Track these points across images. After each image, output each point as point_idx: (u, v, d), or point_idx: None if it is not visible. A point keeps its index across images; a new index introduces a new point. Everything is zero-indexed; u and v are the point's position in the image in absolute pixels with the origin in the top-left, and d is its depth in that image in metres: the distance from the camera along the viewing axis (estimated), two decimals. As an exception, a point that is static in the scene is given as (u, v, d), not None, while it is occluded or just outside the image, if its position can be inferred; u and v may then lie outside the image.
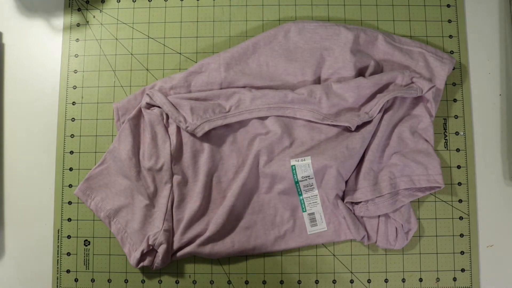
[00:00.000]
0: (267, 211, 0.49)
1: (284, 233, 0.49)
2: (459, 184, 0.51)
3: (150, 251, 0.47)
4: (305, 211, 0.49)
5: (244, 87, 0.50)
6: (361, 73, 0.50)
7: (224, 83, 0.50)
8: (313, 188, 0.48)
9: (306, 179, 0.47)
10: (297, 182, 0.47)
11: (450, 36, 0.53)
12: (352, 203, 0.48)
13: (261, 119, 0.49)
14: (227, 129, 0.49)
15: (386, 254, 0.50)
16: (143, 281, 0.50)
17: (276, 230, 0.49)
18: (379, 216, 0.48)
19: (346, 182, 0.48)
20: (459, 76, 0.52)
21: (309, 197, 0.48)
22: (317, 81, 0.50)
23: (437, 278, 0.49)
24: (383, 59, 0.50)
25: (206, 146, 0.48)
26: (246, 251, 0.48)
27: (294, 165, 0.47)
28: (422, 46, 0.50)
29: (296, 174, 0.47)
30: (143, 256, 0.47)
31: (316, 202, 0.48)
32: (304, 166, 0.46)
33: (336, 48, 0.49)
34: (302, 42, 0.50)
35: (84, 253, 0.51)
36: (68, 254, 0.51)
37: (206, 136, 0.48)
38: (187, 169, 0.48)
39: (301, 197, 0.48)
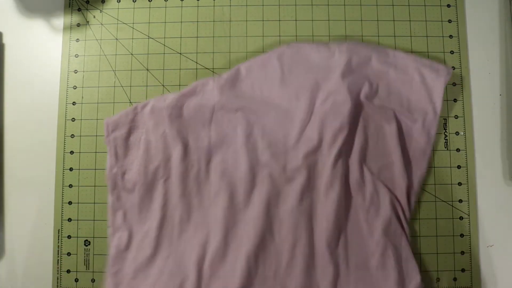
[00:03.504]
0: None
1: None
2: (459, 184, 0.51)
3: None
4: None
5: (237, 110, 0.49)
6: (356, 95, 0.49)
7: (217, 106, 0.49)
8: None
9: None
10: None
11: (450, 36, 0.53)
12: None
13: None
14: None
15: (386, 254, 0.50)
16: (143, 281, 0.50)
17: None
18: None
19: None
20: (459, 76, 0.52)
21: None
22: (312, 105, 0.49)
23: (437, 278, 0.49)
24: (378, 79, 0.49)
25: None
26: None
27: None
28: (417, 60, 0.49)
29: None
30: None
31: None
32: None
33: (329, 72, 0.49)
34: (295, 66, 0.49)
35: (84, 253, 0.51)
36: (68, 254, 0.51)
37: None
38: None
39: None
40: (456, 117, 0.52)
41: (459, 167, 0.51)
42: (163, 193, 0.48)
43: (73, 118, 0.53)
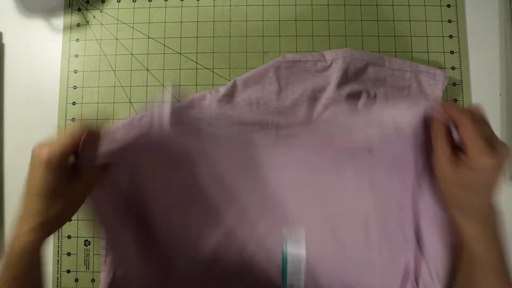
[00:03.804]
0: None
1: None
2: (459, 184, 0.51)
3: None
4: None
5: (234, 125, 0.49)
6: (353, 106, 0.48)
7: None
8: None
9: None
10: None
11: (450, 36, 0.53)
12: None
13: None
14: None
15: (386, 254, 0.50)
16: (143, 281, 0.50)
17: None
18: None
19: None
20: (459, 76, 0.52)
21: None
22: (309, 118, 0.49)
23: (437, 278, 0.49)
24: (375, 87, 0.49)
25: None
26: None
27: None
28: (413, 65, 0.49)
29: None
30: None
31: None
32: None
33: (326, 84, 0.48)
34: (292, 79, 0.49)
35: (84, 253, 0.51)
36: (68, 254, 0.51)
37: None
38: None
39: None
40: (456, 117, 0.52)
41: (459, 167, 0.51)
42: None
43: (73, 118, 0.53)
